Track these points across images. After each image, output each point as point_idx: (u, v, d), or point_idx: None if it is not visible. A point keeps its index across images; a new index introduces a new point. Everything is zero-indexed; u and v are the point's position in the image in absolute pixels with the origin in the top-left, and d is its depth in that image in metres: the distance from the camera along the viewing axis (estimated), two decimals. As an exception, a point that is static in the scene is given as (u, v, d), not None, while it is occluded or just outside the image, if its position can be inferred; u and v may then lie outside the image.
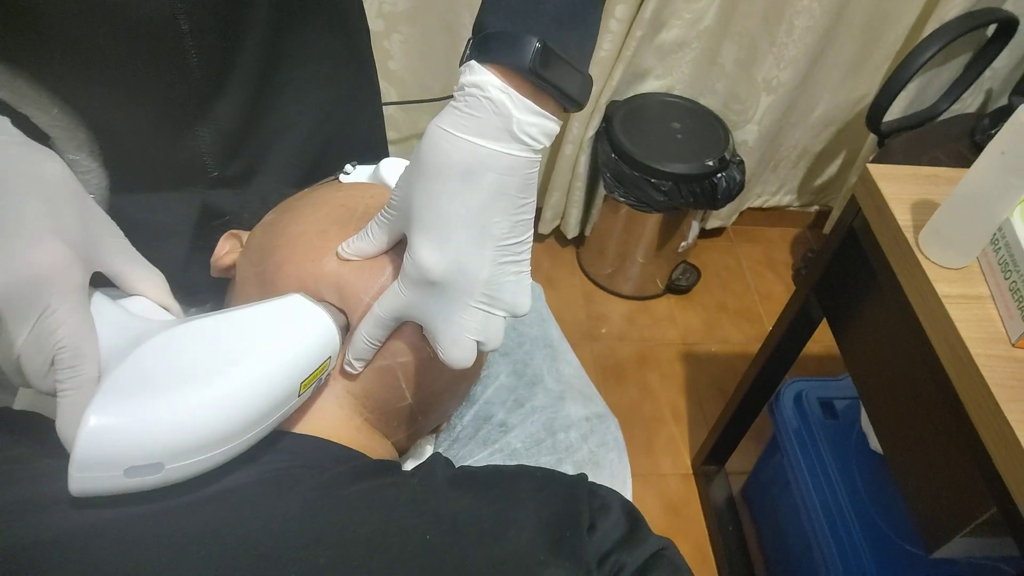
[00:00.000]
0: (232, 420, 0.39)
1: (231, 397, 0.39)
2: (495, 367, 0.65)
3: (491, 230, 0.43)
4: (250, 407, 0.40)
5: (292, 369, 0.42)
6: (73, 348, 0.38)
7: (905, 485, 0.83)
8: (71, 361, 0.38)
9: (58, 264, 0.38)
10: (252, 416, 0.40)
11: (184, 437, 0.37)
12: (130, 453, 0.36)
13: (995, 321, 0.70)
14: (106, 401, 0.37)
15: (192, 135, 0.59)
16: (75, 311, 0.38)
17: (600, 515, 0.44)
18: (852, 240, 0.88)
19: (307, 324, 0.44)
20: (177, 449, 0.37)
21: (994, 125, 1.29)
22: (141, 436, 0.36)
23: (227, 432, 0.39)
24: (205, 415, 0.38)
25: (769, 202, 1.94)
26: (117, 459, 0.36)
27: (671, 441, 1.53)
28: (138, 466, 0.36)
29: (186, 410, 0.38)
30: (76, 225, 0.40)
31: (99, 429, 0.36)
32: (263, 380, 0.40)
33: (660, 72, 1.58)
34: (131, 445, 0.36)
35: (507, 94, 0.41)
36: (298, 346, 0.43)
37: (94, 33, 0.49)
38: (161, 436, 0.37)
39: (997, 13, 1.35)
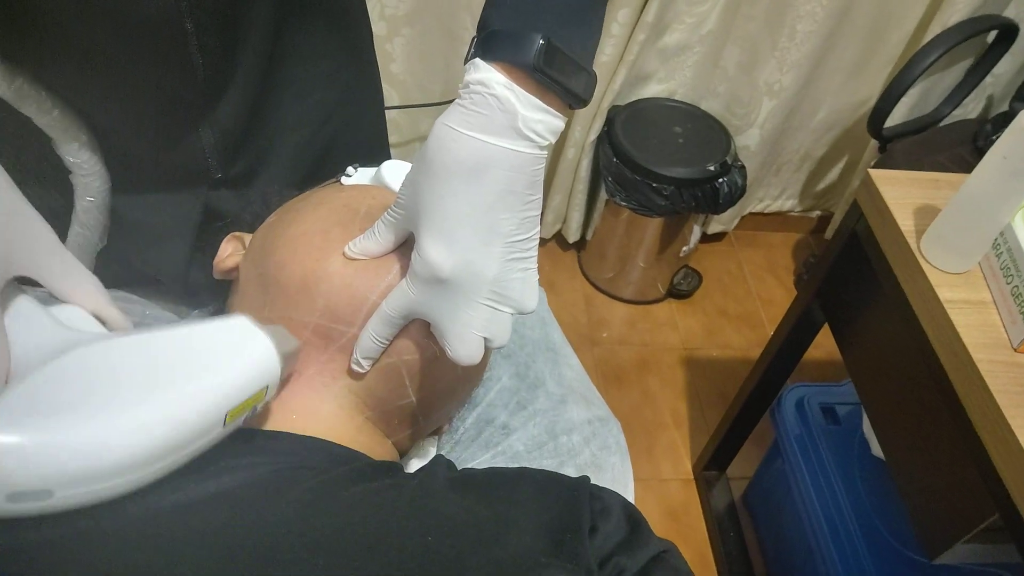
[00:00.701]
0: (137, 449, 0.36)
1: (138, 424, 0.36)
2: (497, 370, 0.65)
3: (499, 227, 0.43)
4: (159, 437, 0.36)
5: (216, 398, 0.38)
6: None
7: (907, 491, 0.83)
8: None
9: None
10: (161, 446, 0.36)
11: (79, 464, 0.34)
12: (14, 477, 0.33)
13: (997, 326, 0.70)
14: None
15: (195, 136, 0.59)
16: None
17: (601, 517, 0.44)
18: (854, 245, 0.87)
19: (244, 350, 0.41)
20: (70, 477, 0.34)
21: (996, 130, 1.29)
22: (31, 459, 0.33)
23: (129, 462, 0.36)
24: (105, 442, 0.35)
25: (771, 207, 1.94)
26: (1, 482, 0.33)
27: (672, 446, 1.53)
28: (24, 491, 0.33)
29: (85, 435, 0.35)
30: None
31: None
32: (177, 409, 0.37)
33: (662, 76, 1.58)
34: (18, 468, 0.33)
35: (512, 91, 0.41)
36: (227, 373, 0.39)
37: (98, 33, 0.49)
38: (53, 461, 0.34)
39: (998, 19, 1.36)
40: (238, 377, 0.40)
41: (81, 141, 0.56)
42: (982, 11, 1.41)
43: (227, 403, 0.39)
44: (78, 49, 0.50)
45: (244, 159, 0.64)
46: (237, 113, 0.60)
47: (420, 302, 0.44)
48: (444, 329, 0.44)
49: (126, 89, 0.54)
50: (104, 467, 0.35)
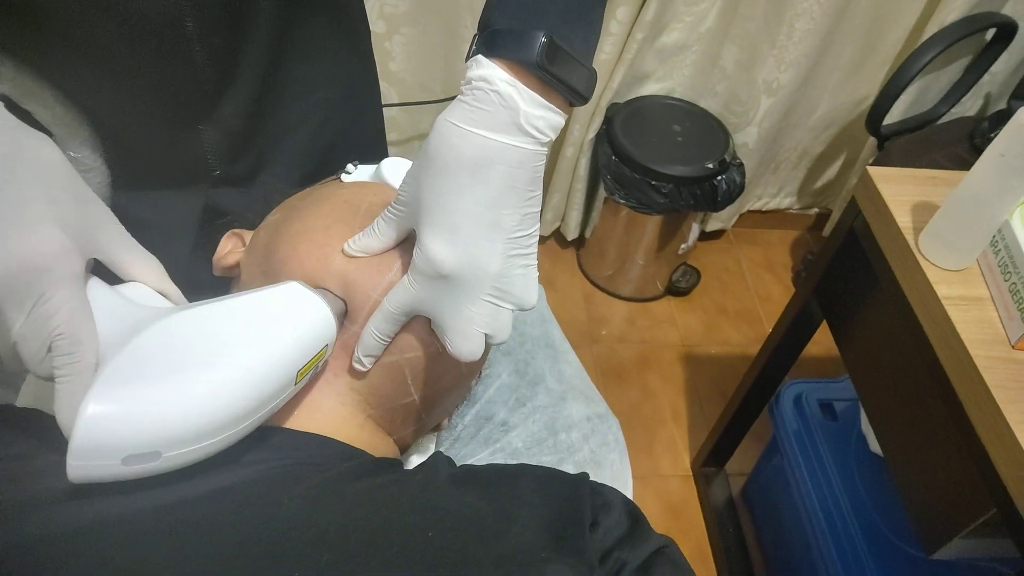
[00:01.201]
0: (229, 408, 0.39)
1: (228, 385, 0.39)
2: (497, 366, 0.66)
3: (501, 223, 0.43)
4: (246, 395, 0.40)
5: (289, 356, 0.42)
6: (70, 335, 0.38)
7: (904, 486, 0.83)
8: (68, 348, 0.38)
9: (56, 251, 0.38)
10: (249, 404, 0.40)
11: (181, 425, 0.37)
12: (128, 441, 0.36)
13: (995, 323, 0.70)
14: (104, 389, 0.36)
15: (196, 134, 0.59)
16: (72, 298, 0.38)
17: (602, 513, 0.44)
18: (852, 242, 0.88)
19: (304, 311, 0.44)
20: (174, 437, 0.37)
21: (993, 128, 1.30)
22: (139, 424, 0.36)
23: (224, 420, 0.39)
24: (202, 403, 0.38)
25: (769, 204, 1.94)
26: (115, 447, 0.36)
27: (671, 442, 1.53)
28: (136, 454, 0.36)
29: (183, 398, 0.38)
30: (73, 211, 0.40)
31: (97, 417, 0.35)
32: (260, 368, 0.40)
33: (661, 74, 1.58)
34: (129, 433, 0.36)
35: (514, 87, 0.41)
36: (294, 333, 0.42)
37: (100, 31, 0.50)
38: (159, 424, 0.37)
39: (996, 17, 1.36)
40: (303, 337, 0.43)
41: (83, 137, 0.56)
42: (980, 9, 1.41)
43: (296, 362, 0.42)
44: (80, 46, 0.50)
45: (245, 157, 0.64)
46: (238, 111, 0.60)
47: (422, 298, 0.44)
48: (446, 325, 0.44)
49: (128, 87, 0.54)
50: (203, 426, 0.38)
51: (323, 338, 0.44)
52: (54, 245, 0.38)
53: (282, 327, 0.42)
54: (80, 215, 0.40)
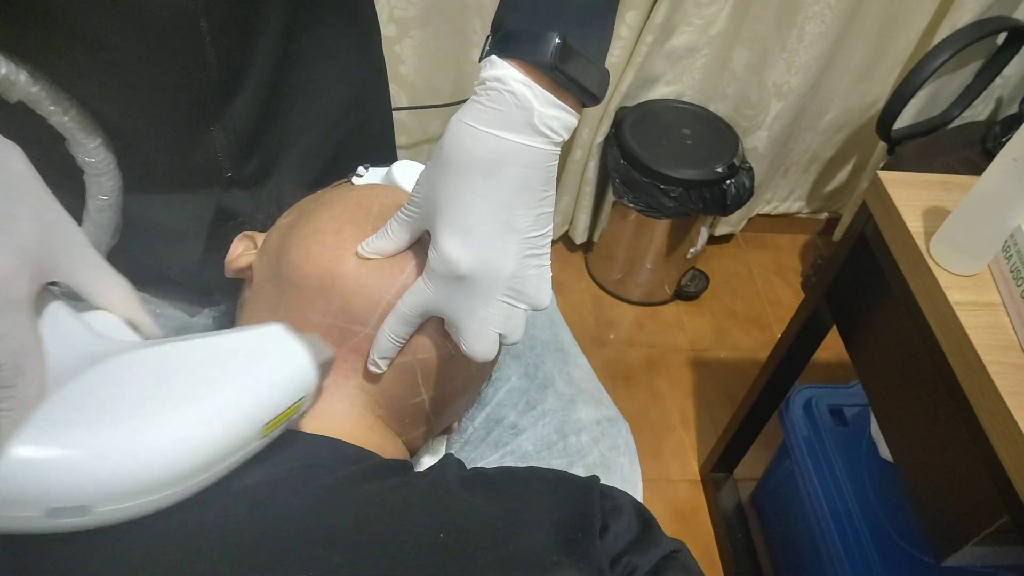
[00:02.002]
0: (175, 464, 0.35)
1: (176, 438, 0.35)
2: (506, 370, 0.66)
3: (516, 224, 0.43)
4: (197, 450, 0.36)
5: (255, 409, 0.38)
6: (12, 366, 0.34)
7: (916, 493, 0.83)
8: (9, 380, 0.34)
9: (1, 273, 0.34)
10: (196, 461, 0.36)
11: (117, 479, 0.33)
12: (52, 494, 0.32)
13: (1007, 328, 0.70)
14: (34, 431, 0.32)
15: (208, 136, 0.59)
16: (16, 325, 0.34)
17: (612, 516, 0.44)
18: (863, 246, 0.87)
19: (281, 360, 0.40)
20: (108, 492, 0.33)
21: (1005, 132, 1.29)
22: (65, 476, 0.32)
23: (168, 477, 0.35)
24: (144, 456, 0.34)
25: (779, 208, 1.93)
26: (38, 499, 0.32)
27: (680, 447, 1.53)
28: (62, 507, 0.33)
29: (123, 449, 0.34)
30: (31, 230, 0.36)
31: (20, 463, 0.32)
32: (217, 420, 0.36)
33: (670, 78, 1.58)
34: (53, 485, 0.32)
35: (529, 87, 0.41)
36: (266, 383, 0.39)
37: (115, 33, 0.50)
38: (90, 476, 0.33)
39: (1007, 21, 1.35)
40: (275, 388, 0.39)
41: (96, 142, 0.56)
42: (991, 13, 1.40)
43: (265, 415, 0.38)
44: (94, 48, 0.51)
45: (256, 159, 0.64)
46: (250, 113, 0.60)
47: (437, 300, 0.44)
48: (462, 326, 0.45)
49: (141, 89, 0.54)
50: (143, 482, 0.34)
51: (299, 390, 0.40)
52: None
53: (252, 376, 0.38)
54: (40, 235, 0.37)
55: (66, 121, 0.54)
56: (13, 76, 0.50)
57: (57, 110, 0.53)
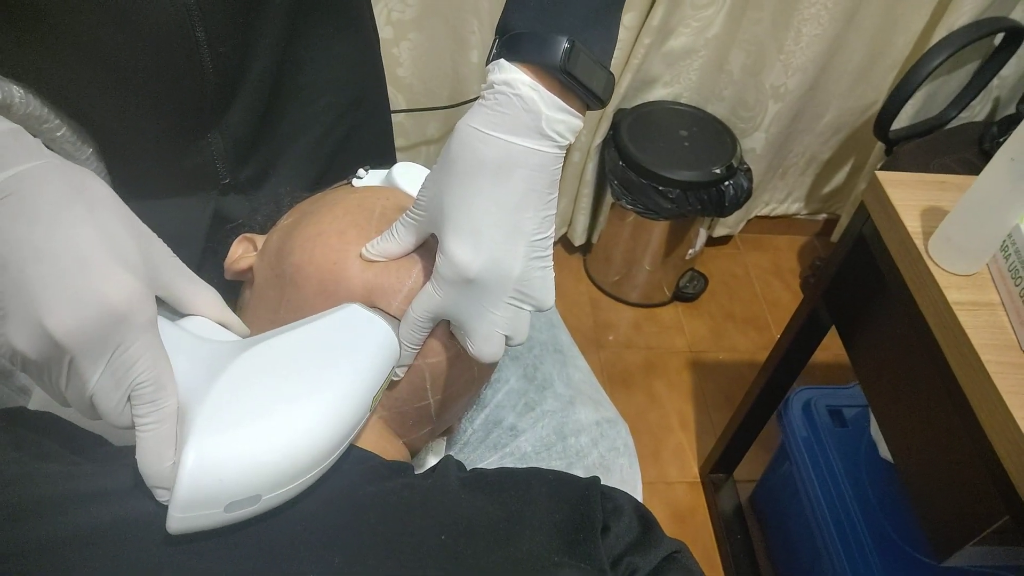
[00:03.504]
0: (321, 444, 0.39)
1: (319, 422, 0.39)
2: (505, 371, 0.65)
3: (522, 226, 0.43)
4: (335, 429, 0.39)
5: (367, 385, 0.42)
6: (152, 382, 0.37)
7: (916, 493, 0.83)
8: (152, 396, 0.37)
9: (129, 297, 0.36)
10: (337, 437, 0.40)
11: (280, 467, 0.37)
12: (232, 488, 0.36)
13: (1006, 328, 0.70)
14: (203, 438, 0.36)
15: (205, 142, 0.59)
16: (150, 345, 0.37)
17: (613, 517, 0.44)
18: (861, 247, 0.88)
19: (373, 336, 0.44)
20: (274, 480, 0.37)
21: (1003, 133, 1.29)
22: (240, 470, 0.36)
23: (318, 456, 0.39)
24: (298, 442, 0.38)
25: (777, 210, 1.93)
26: (219, 495, 0.35)
27: (678, 449, 1.52)
28: (238, 500, 0.36)
29: (280, 439, 0.37)
30: (134, 251, 0.38)
31: (201, 468, 0.35)
32: (344, 400, 0.40)
33: (668, 80, 1.58)
34: (231, 480, 0.36)
35: (537, 91, 0.41)
36: (370, 360, 0.43)
37: (112, 42, 0.50)
38: (259, 468, 0.36)
39: (1004, 22, 1.35)
40: (376, 362, 0.43)
41: (87, 153, 0.56)
42: (988, 13, 1.41)
43: (373, 387, 0.42)
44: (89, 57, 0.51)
45: (253, 164, 0.64)
46: (246, 119, 0.60)
47: (447, 304, 0.44)
48: (470, 329, 0.45)
49: (137, 96, 0.54)
50: (302, 464, 0.38)
51: (390, 360, 0.44)
52: (127, 292, 0.36)
53: (357, 355, 0.42)
54: (142, 254, 0.38)
55: (58, 137, 0.53)
56: (8, 100, 0.49)
57: (50, 127, 0.53)
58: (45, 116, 0.52)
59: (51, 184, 0.37)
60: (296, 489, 0.38)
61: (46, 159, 0.38)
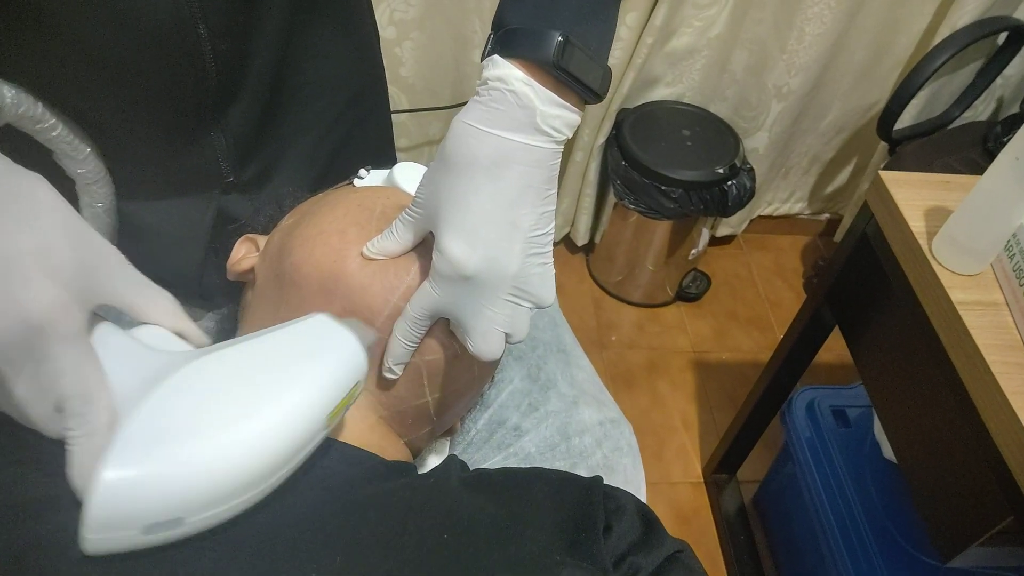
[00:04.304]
0: (258, 466, 0.36)
1: (257, 441, 0.36)
2: (508, 371, 0.65)
3: (519, 223, 0.43)
4: (276, 449, 0.37)
5: (319, 401, 0.39)
6: (79, 395, 0.35)
7: (920, 494, 0.82)
8: (79, 408, 0.35)
9: (50, 306, 0.34)
10: (278, 459, 0.37)
11: (207, 488, 0.35)
12: (148, 510, 0.33)
13: (1010, 328, 0.70)
14: (121, 453, 0.33)
15: (207, 141, 0.59)
16: (77, 355, 0.35)
17: (615, 517, 0.44)
18: (864, 247, 0.87)
19: (334, 349, 0.41)
20: (199, 502, 0.35)
21: (1006, 132, 1.29)
22: (161, 490, 0.34)
23: (252, 479, 0.36)
24: (227, 465, 0.35)
25: (780, 210, 1.93)
26: (135, 517, 0.33)
27: (682, 449, 1.52)
28: (158, 522, 0.34)
29: (208, 460, 0.35)
30: (70, 259, 0.36)
31: (115, 484, 0.33)
32: (289, 418, 0.37)
33: (670, 79, 1.58)
34: (150, 500, 0.33)
35: (531, 87, 0.41)
36: (324, 375, 0.39)
37: (112, 40, 0.50)
38: (181, 490, 0.34)
39: (1008, 21, 1.35)
40: (334, 377, 0.40)
41: (85, 152, 0.56)
42: (992, 13, 1.40)
43: (328, 405, 0.39)
44: (91, 56, 0.51)
45: (255, 163, 0.64)
46: (248, 117, 0.60)
47: (444, 301, 0.44)
48: (468, 327, 0.45)
49: (139, 95, 0.54)
50: (231, 487, 0.35)
51: (354, 375, 0.41)
52: (46, 301, 0.34)
53: (311, 370, 0.39)
54: (79, 262, 0.37)
55: (54, 137, 0.53)
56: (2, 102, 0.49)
57: (45, 128, 0.52)
58: (39, 116, 0.52)
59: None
60: (227, 513, 0.36)
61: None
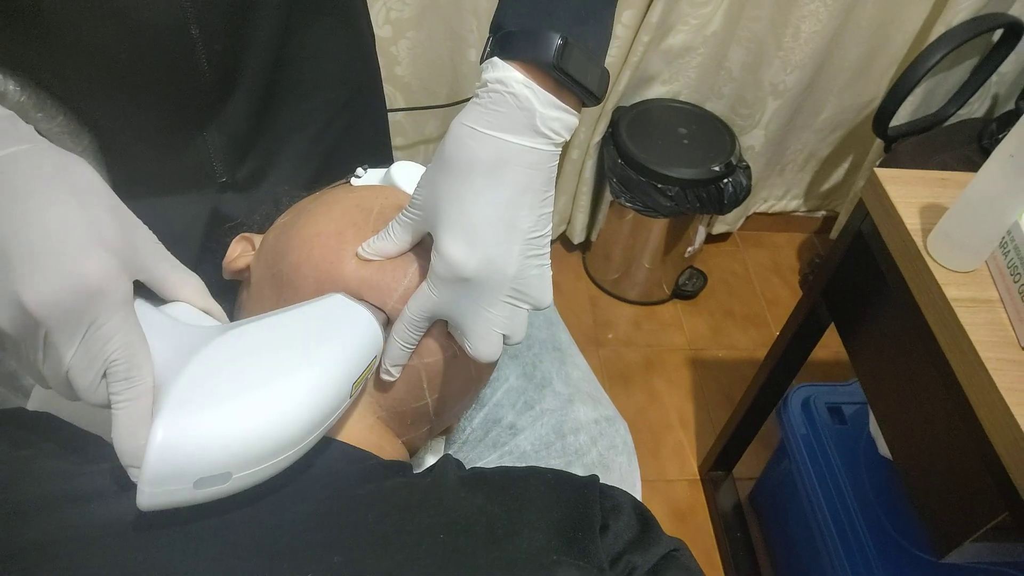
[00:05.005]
0: (295, 425, 0.39)
1: (294, 403, 0.39)
2: (504, 370, 0.65)
3: (518, 224, 0.43)
4: (310, 412, 0.39)
5: (345, 370, 0.42)
6: (127, 359, 0.37)
7: (915, 490, 0.83)
8: (126, 373, 0.37)
9: (106, 275, 0.37)
10: (313, 421, 0.40)
11: (252, 445, 0.37)
12: (200, 464, 0.36)
13: (1005, 325, 0.70)
14: (172, 413, 0.36)
15: (201, 140, 0.59)
16: (126, 322, 0.38)
17: (612, 516, 0.44)
18: (860, 244, 0.87)
19: (354, 324, 0.44)
20: (245, 458, 0.37)
21: (1001, 129, 1.29)
22: (210, 446, 0.36)
23: (291, 438, 0.39)
24: (270, 422, 0.38)
25: (775, 207, 1.93)
26: (188, 471, 0.35)
27: (678, 447, 1.53)
28: (208, 476, 0.36)
29: (252, 418, 0.37)
30: (117, 233, 0.38)
31: (169, 442, 0.35)
32: (321, 384, 0.40)
33: (666, 77, 1.58)
34: (201, 456, 0.36)
35: (530, 89, 0.41)
36: (348, 347, 0.43)
37: (105, 38, 0.50)
38: (230, 446, 0.36)
39: (1003, 18, 1.35)
40: (357, 349, 0.43)
41: (83, 145, 0.56)
42: (987, 10, 1.40)
43: (352, 375, 0.42)
44: (87, 55, 0.51)
45: (250, 162, 0.64)
46: (243, 116, 0.60)
47: (443, 303, 0.44)
48: (467, 328, 0.45)
49: (133, 94, 0.54)
50: (274, 444, 0.38)
51: (372, 349, 0.44)
52: (103, 269, 0.37)
53: (336, 341, 0.42)
54: (123, 237, 0.39)
55: (53, 127, 0.53)
56: (3, 88, 0.49)
57: (44, 117, 0.53)
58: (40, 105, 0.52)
59: (39, 167, 0.38)
60: (269, 470, 0.38)
61: (37, 143, 0.39)
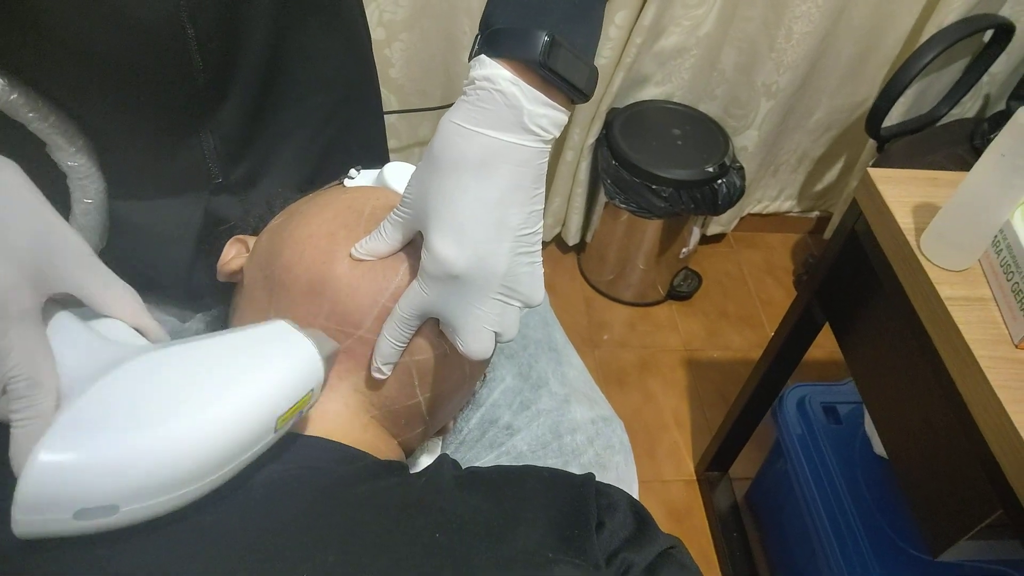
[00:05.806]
0: (196, 461, 0.36)
1: (198, 436, 0.36)
2: (500, 370, 0.65)
3: (507, 222, 0.43)
4: (216, 447, 0.37)
5: (268, 403, 0.39)
6: (27, 376, 0.35)
7: (910, 488, 0.83)
8: (25, 391, 0.35)
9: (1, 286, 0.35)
10: (218, 456, 0.37)
11: (143, 478, 0.34)
12: (82, 494, 0.33)
13: (998, 323, 0.70)
14: (59, 436, 0.34)
15: (195, 141, 0.59)
16: (25, 337, 0.35)
17: (608, 514, 0.44)
18: (854, 244, 0.88)
19: (288, 355, 0.41)
20: (135, 491, 0.34)
21: (993, 129, 1.30)
22: (95, 476, 0.33)
23: (190, 473, 0.36)
24: (167, 455, 0.35)
25: (769, 208, 1.94)
26: (67, 500, 0.33)
27: (674, 447, 1.53)
28: (91, 508, 0.34)
29: (147, 449, 0.35)
30: (27, 242, 0.36)
31: (48, 466, 0.33)
32: (235, 418, 0.37)
33: (660, 78, 1.59)
34: (83, 485, 0.33)
35: (517, 86, 0.41)
36: (276, 378, 0.40)
37: (99, 39, 0.49)
38: (117, 476, 0.34)
39: (994, 18, 1.36)
40: (286, 381, 0.40)
41: (78, 145, 0.56)
42: (978, 10, 1.41)
43: (278, 408, 0.39)
44: (79, 55, 0.50)
45: (245, 164, 0.64)
46: (237, 117, 0.60)
47: (433, 301, 0.44)
48: (457, 326, 0.45)
49: (127, 95, 0.54)
50: (167, 479, 0.35)
51: (308, 382, 0.41)
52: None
53: (263, 373, 0.39)
54: (40, 247, 0.37)
55: (46, 127, 0.53)
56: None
57: (36, 116, 0.52)
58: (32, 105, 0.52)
59: None
60: (163, 505, 0.36)
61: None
